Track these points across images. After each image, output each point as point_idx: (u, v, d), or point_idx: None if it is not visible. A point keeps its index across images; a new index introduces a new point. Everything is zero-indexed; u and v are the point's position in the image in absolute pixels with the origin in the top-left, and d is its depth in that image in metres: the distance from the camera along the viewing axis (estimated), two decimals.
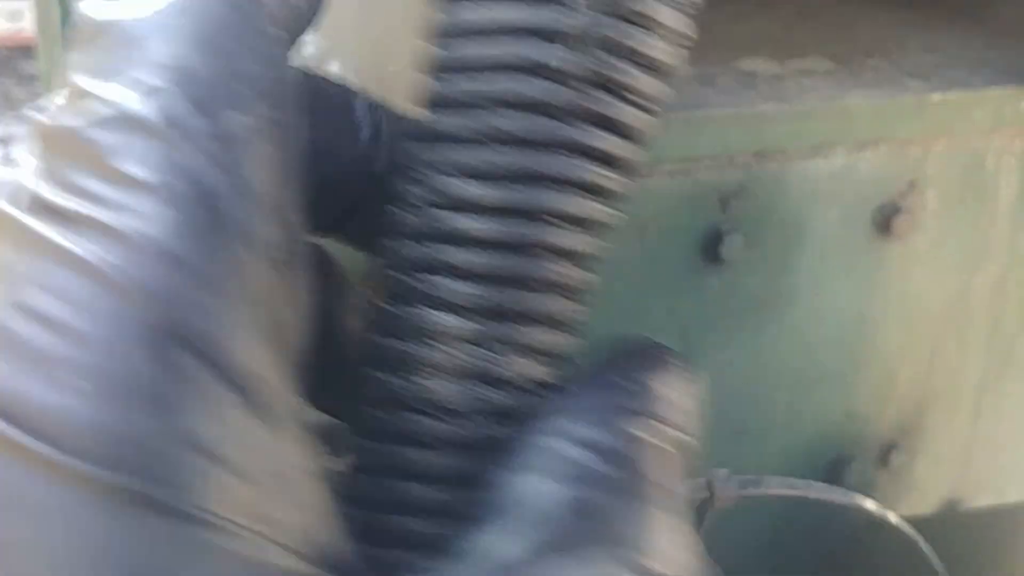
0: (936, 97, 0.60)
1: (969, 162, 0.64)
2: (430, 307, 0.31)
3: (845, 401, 0.70)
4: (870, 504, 0.65)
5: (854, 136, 0.59)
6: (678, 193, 0.57)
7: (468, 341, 0.30)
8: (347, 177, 0.35)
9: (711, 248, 0.59)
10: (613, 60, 0.31)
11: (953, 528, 0.81)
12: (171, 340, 0.23)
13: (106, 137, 0.25)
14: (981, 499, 0.81)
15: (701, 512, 0.55)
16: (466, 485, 0.30)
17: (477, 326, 0.31)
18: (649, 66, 0.32)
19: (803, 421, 0.68)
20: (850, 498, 0.63)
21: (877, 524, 0.66)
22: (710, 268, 0.59)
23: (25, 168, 0.25)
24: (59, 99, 0.26)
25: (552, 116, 0.31)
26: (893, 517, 0.66)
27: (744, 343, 0.62)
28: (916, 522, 0.78)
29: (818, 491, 0.62)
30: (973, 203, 0.66)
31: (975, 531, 0.82)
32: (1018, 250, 0.70)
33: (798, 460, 0.68)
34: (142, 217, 0.24)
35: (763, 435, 0.66)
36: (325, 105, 0.36)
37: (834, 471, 0.71)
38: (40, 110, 0.27)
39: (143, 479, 0.22)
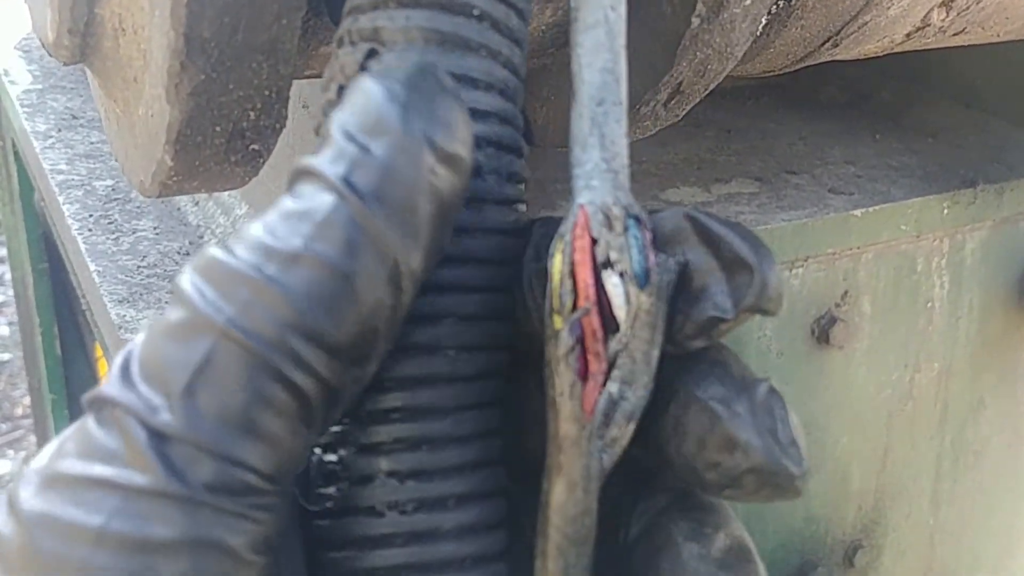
0: (859, 213, 0.61)
1: (899, 267, 0.65)
2: None
3: (803, 506, 0.71)
4: None
5: (783, 256, 0.60)
6: None
7: None
8: None
9: None
10: None
11: None
12: None
13: None
14: None
15: None
16: None
17: None
18: None
19: (764, 531, 0.68)
20: None
21: None
22: None
23: None
24: None
25: None
26: None
27: None
28: None
29: None
30: (908, 305, 0.67)
31: None
32: (957, 342, 0.71)
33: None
34: None
35: None
36: None
37: None
38: None
39: None
